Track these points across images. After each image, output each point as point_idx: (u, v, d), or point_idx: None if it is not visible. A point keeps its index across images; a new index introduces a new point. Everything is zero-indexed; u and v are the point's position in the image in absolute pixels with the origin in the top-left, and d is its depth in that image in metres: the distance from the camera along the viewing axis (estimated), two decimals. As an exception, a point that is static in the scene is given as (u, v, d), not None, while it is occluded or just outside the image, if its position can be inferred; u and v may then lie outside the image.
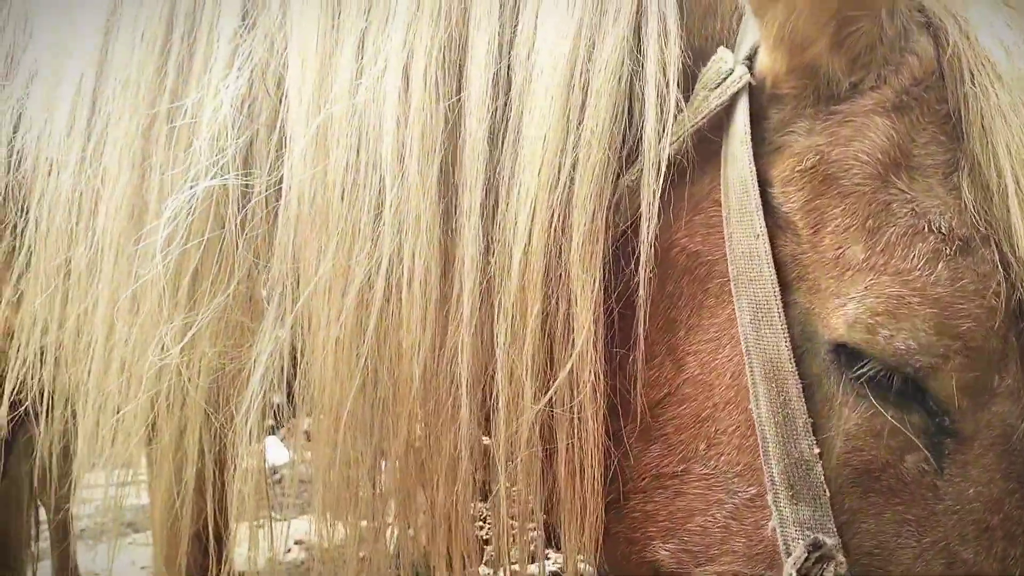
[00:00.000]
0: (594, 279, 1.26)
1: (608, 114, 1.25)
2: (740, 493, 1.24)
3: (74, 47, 1.52)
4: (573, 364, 1.26)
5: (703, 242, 1.29)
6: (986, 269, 1.15)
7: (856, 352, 1.18)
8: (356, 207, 1.31)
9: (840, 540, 1.17)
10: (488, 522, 1.49)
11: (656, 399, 1.30)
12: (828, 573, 1.15)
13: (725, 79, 1.25)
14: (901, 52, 1.19)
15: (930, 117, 1.19)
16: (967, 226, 1.15)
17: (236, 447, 1.47)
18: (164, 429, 1.51)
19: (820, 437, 1.19)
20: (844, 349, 1.19)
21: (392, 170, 1.29)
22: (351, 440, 1.40)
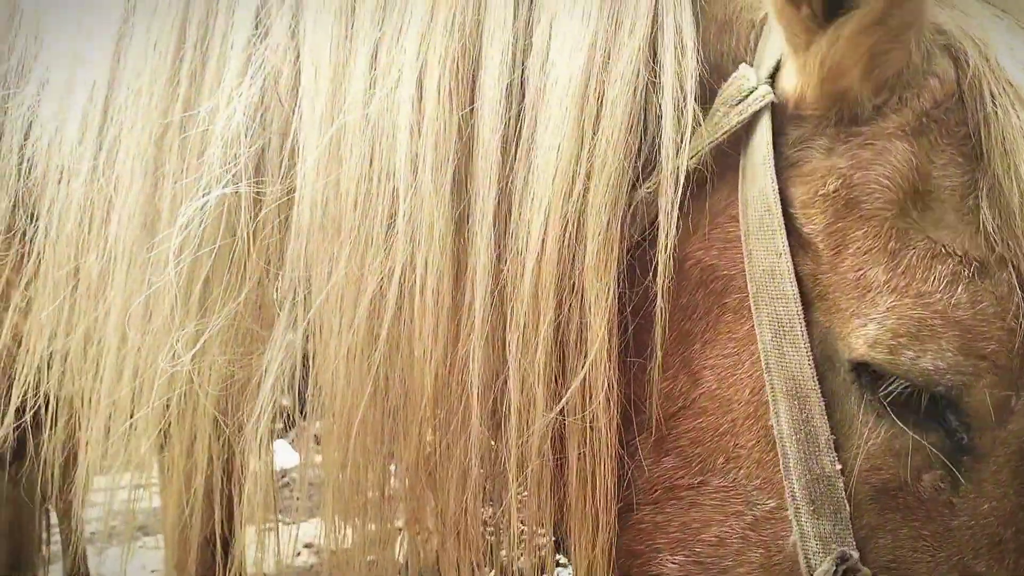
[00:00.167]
0: (608, 287, 1.26)
1: (624, 124, 1.25)
2: (760, 505, 1.24)
3: (86, 56, 1.52)
4: (587, 373, 1.26)
5: (720, 256, 1.28)
6: (1003, 291, 1.15)
7: (878, 371, 1.17)
8: (369, 216, 1.32)
9: (859, 554, 1.17)
10: (498, 529, 1.50)
11: (671, 412, 1.30)
12: None
13: (747, 96, 1.25)
14: (924, 75, 1.19)
15: (949, 139, 1.19)
16: (981, 248, 1.16)
17: (246, 453, 1.47)
18: (175, 435, 1.52)
19: (839, 456, 1.19)
20: (865, 368, 1.19)
21: (406, 179, 1.30)
22: (361, 446, 1.40)
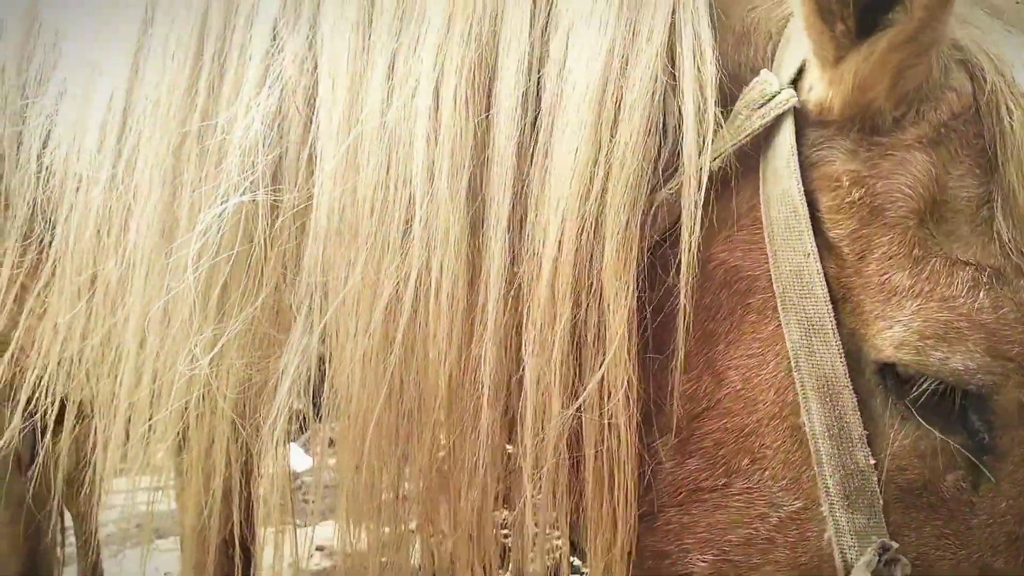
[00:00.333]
0: (628, 286, 1.26)
1: (642, 127, 1.26)
2: (785, 506, 1.25)
3: (105, 66, 1.53)
4: (605, 370, 1.27)
5: (743, 257, 1.29)
6: (1022, 297, 1.17)
7: (904, 373, 1.20)
8: (385, 222, 1.33)
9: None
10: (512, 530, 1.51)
11: (695, 413, 1.31)
12: (897, 574, 1.18)
13: (770, 100, 1.26)
14: (942, 89, 1.21)
15: (967, 150, 1.21)
16: (996, 256, 1.18)
17: (262, 456, 1.49)
18: (194, 437, 1.53)
19: None
20: (890, 370, 1.21)
21: (422, 186, 1.31)
22: (376, 449, 1.41)
